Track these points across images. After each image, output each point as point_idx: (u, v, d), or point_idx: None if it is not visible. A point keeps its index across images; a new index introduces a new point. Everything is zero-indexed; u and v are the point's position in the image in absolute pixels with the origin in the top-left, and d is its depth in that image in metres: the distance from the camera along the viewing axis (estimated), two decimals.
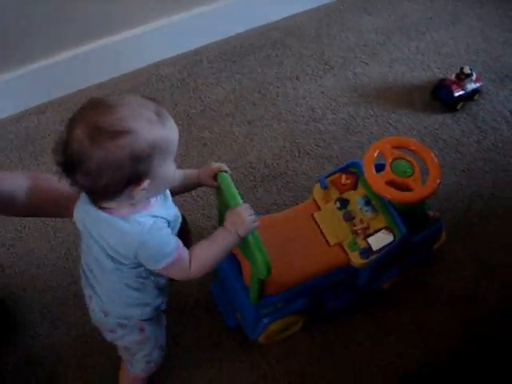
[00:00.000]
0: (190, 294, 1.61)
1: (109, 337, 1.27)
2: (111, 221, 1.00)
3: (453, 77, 2.05)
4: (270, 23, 2.35)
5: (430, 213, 1.50)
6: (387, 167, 1.38)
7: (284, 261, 1.32)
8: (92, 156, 0.91)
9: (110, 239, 1.02)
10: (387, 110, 2.07)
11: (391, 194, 1.34)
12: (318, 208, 1.44)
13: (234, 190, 1.16)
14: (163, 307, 1.24)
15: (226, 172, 1.21)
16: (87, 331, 1.55)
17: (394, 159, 1.39)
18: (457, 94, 2.01)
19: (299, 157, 1.93)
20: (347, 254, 1.36)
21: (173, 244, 1.05)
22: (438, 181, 1.36)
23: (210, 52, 2.24)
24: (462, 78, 2.02)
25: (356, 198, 1.41)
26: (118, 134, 0.91)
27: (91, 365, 1.52)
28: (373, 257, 1.34)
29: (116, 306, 1.17)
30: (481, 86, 2.07)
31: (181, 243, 1.07)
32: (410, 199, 1.34)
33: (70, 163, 0.94)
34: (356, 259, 1.34)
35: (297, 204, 1.55)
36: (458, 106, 2.05)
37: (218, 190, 1.23)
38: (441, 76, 2.14)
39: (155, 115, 0.96)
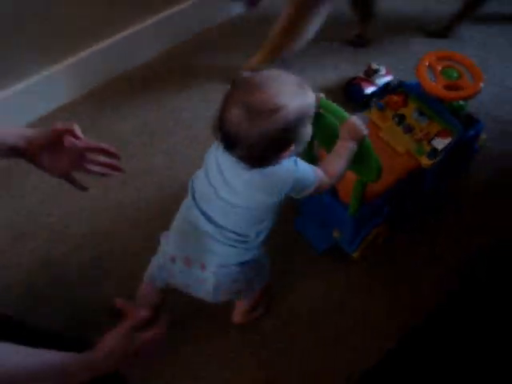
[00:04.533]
0: None
1: (234, 287, 1.34)
2: (264, 172, 1.14)
3: (361, 74, 2.04)
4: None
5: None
6: (438, 75, 1.56)
7: None
8: (252, 134, 1.05)
9: (260, 193, 1.17)
10: None
11: (451, 94, 1.54)
12: (379, 128, 1.62)
13: (340, 108, 1.28)
14: None
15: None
16: None
17: (442, 68, 1.58)
18: (368, 91, 2.01)
19: None
20: (417, 159, 1.55)
21: (312, 169, 1.22)
22: (482, 81, 1.55)
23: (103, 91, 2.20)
24: (370, 74, 2.02)
25: (410, 112, 1.61)
26: (271, 112, 1.04)
27: None
28: (439, 156, 1.53)
29: (235, 255, 1.28)
30: (393, 79, 2.07)
31: (314, 166, 1.23)
32: (468, 95, 1.54)
33: (230, 141, 1.09)
34: (426, 161, 1.54)
35: None
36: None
37: (318, 120, 1.30)
38: (351, 75, 2.13)
39: (298, 87, 1.09)
